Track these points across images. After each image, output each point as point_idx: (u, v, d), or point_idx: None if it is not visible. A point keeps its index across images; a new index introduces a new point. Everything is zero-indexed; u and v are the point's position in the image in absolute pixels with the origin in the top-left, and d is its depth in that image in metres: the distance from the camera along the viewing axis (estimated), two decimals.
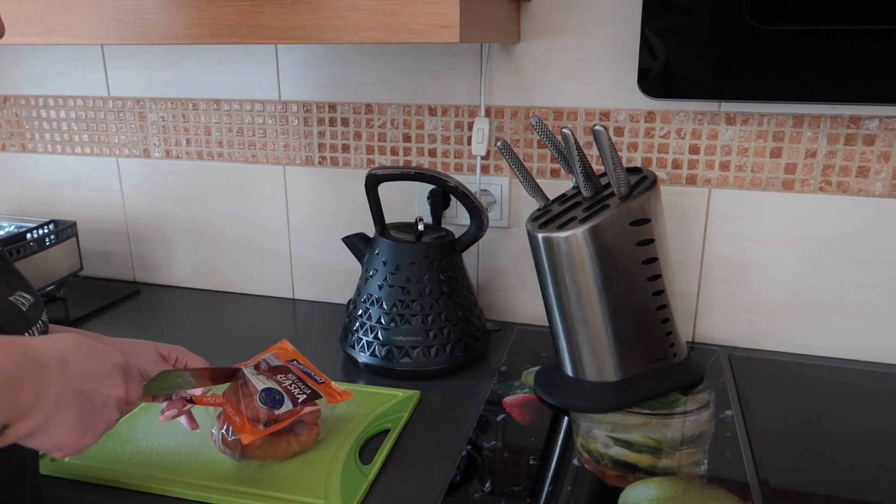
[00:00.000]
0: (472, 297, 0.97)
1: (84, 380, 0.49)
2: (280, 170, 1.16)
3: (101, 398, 0.50)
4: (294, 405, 0.71)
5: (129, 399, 0.54)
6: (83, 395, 0.49)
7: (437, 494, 0.69)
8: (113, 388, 0.52)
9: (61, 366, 0.47)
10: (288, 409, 0.70)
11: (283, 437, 0.73)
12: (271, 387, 0.72)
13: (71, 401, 0.48)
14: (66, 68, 1.20)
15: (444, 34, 0.66)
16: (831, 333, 0.99)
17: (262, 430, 0.69)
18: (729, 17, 0.83)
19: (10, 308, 0.56)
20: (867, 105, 0.89)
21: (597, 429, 0.81)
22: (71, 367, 0.48)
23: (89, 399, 0.49)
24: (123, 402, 0.53)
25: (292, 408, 0.71)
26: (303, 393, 0.73)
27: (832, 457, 0.76)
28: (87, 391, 0.49)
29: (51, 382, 0.46)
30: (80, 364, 0.49)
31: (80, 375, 0.49)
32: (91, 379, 0.50)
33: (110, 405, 0.51)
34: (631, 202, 0.79)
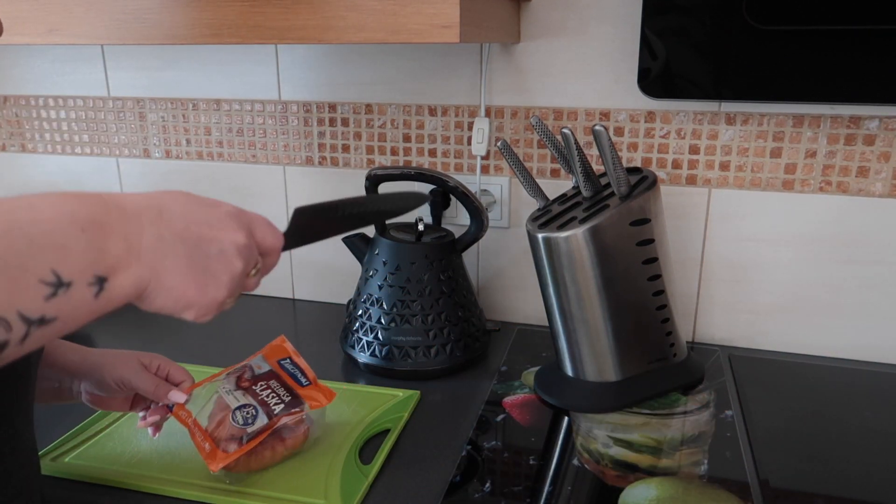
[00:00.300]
0: (472, 297, 0.97)
1: (187, 226, 0.43)
2: (280, 170, 1.16)
3: (214, 244, 0.44)
4: (269, 418, 0.70)
5: (251, 245, 0.47)
6: (190, 241, 0.43)
7: (437, 494, 0.69)
8: (226, 233, 0.45)
9: (156, 213, 0.43)
10: (263, 424, 0.69)
11: (267, 446, 0.72)
12: (245, 403, 0.71)
13: (174, 248, 0.42)
14: (66, 68, 1.20)
15: (444, 34, 0.66)
16: (831, 333, 0.99)
17: (231, 454, 0.68)
18: (729, 17, 0.83)
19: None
20: (867, 105, 0.89)
21: (597, 429, 0.81)
22: (168, 213, 0.43)
23: (198, 245, 0.44)
24: (245, 249, 0.46)
25: (267, 422, 0.70)
26: (280, 402, 0.71)
27: (832, 457, 0.76)
28: (194, 237, 0.44)
29: (143, 228, 0.41)
30: (180, 210, 0.44)
31: (181, 221, 0.43)
32: (196, 224, 0.44)
33: (228, 251, 0.45)
34: (631, 202, 0.79)
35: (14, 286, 0.34)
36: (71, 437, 0.78)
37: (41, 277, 0.35)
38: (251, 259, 0.48)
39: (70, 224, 0.37)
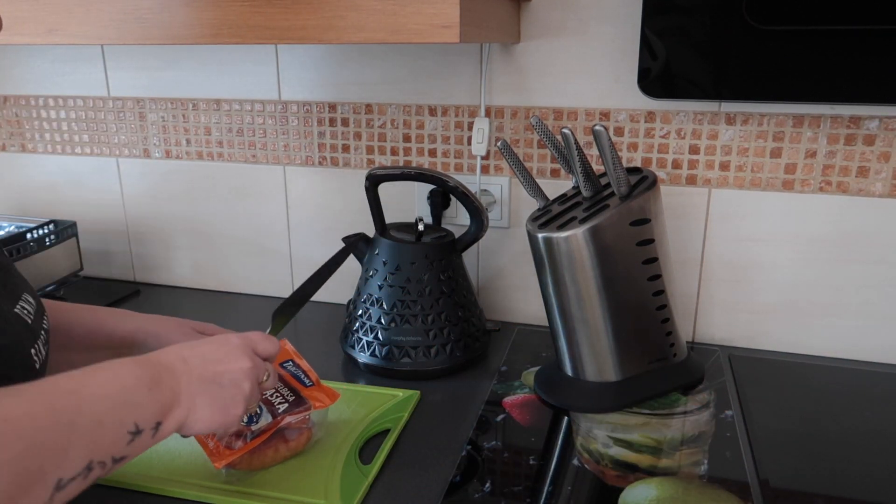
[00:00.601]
0: (472, 297, 0.97)
1: (205, 367, 0.56)
2: (280, 170, 1.16)
3: (226, 376, 0.57)
4: (273, 417, 0.70)
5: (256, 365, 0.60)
6: (209, 381, 0.55)
7: (437, 494, 0.69)
8: (235, 363, 0.58)
9: (182, 363, 0.55)
10: (267, 423, 0.70)
11: (270, 445, 0.72)
12: None
13: (200, 388, 0.54)
14: (66, 68, 1.20)
15: (444, 34, 0.66)
16: (831, 333, 0.99)
17: (236, 451, 0.68)
18: (729, 17, 0.83)
19: (17, 321, 0.54)
20: (867, 105, 0.89)
21: (597, 429, 0.81)
22: (190, 361, 0.55)
23: (215, 381, 0.56)
24: (251, 371, 0.58)
25: (271, 420, 0.70)
26: (284, 402, 0.72)
27: (832, 457, 0.76)
28: (210, 375, 0.56)
29: (179, 379, 0.53)
30: (197, 357, 0.56)
31: (199, 366, 0.55)
32: (211, 363, 0.56)
33: (238, 378, 0.57)
34: (631, 202, 0.79)
35: (113, 438, 0.47)
36: None
37: (129, 429, 0.48)
38: (259, 374, 0.60)
39: (141, 386, 0.50)
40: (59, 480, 0.43)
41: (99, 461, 0.45)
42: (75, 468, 0.44)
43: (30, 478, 0.41)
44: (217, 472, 0.72)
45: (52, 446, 0.42)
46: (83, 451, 0.44)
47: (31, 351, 0.54)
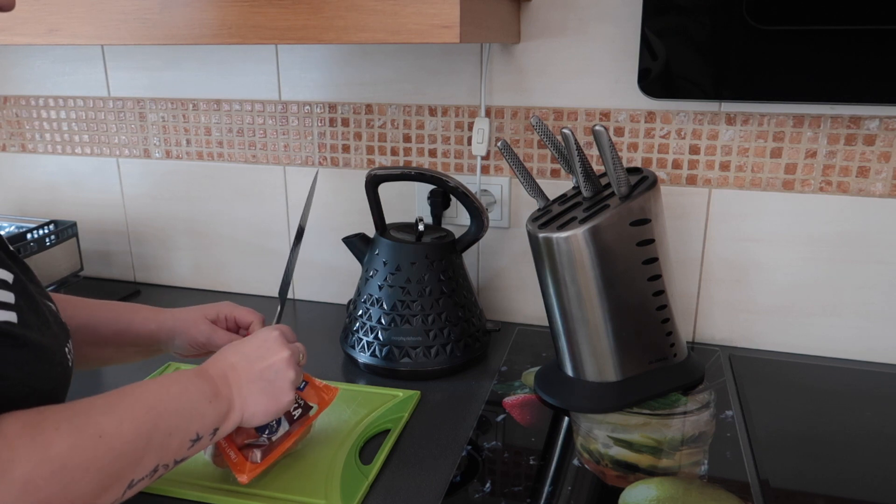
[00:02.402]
0: (472, 297, 0.97)
1: (251, 367, 0.63)
2: (280, 170, 1.16)
3: (270, 371, 0.63)
4: (290, 424, 0.70)
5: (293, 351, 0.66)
6: (256, 378, 0.62)
7: (438, 494, 0.69)
8: (276, 355, 0.64)
9: (232, 370, 0.62)
10: (284, 432, 0.69)
11: None
12: None
13: (250, 388, 0.62)
14: (66, 68, 1.20)
15: (444, 34, 0.66)
16: (831, 333, 0.99)
17: (259, 465, 0.68)
18: (729, 17, 0.83)
19: (53, 318, 0.56)
20: (867, 105, 0.89)
21: (597, 429, 0.81)
22: (237, 367, 0.62)
23: (262, 377, 0.63)
24: (291, 358, 0.65)
25: (288, 428, 0.70)
26: (298, 408, 0.71)
27: (832, 457, 0.76)
28: (257, 373, 0.63)
29: (232, 386, 0.61)
30: (243, 360, 0.63)
31: (246, 368, 0.63)
32: (255, 362, 0.63)
33: (281, 369, 0.64)
34: (631, 202, 0.79)
35: (177, 445, 0.54)
36: None
37: (191, 437, 0.56)
38: (297, 357, 0.67)
39: (204, 399, 0.58)
40: (132, 481, 0.51)
41: (164, 464, 0.54)
42: (146, 471, 0.52)
43: (111, 481, 0.49)
44: (217, 473, 0.72)
45: (131, 456, 0.50)
46: (154, 457, 0.52)
47: (66, 350, 0.55)
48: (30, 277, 0.58)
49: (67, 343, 0.56)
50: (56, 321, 0.56)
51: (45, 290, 0.59)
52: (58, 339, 0.55)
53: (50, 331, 0.53)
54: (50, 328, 0.54)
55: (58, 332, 0.55)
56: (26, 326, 0.49)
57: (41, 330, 0.52)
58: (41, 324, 0.52)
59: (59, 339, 0.55)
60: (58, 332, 0.55)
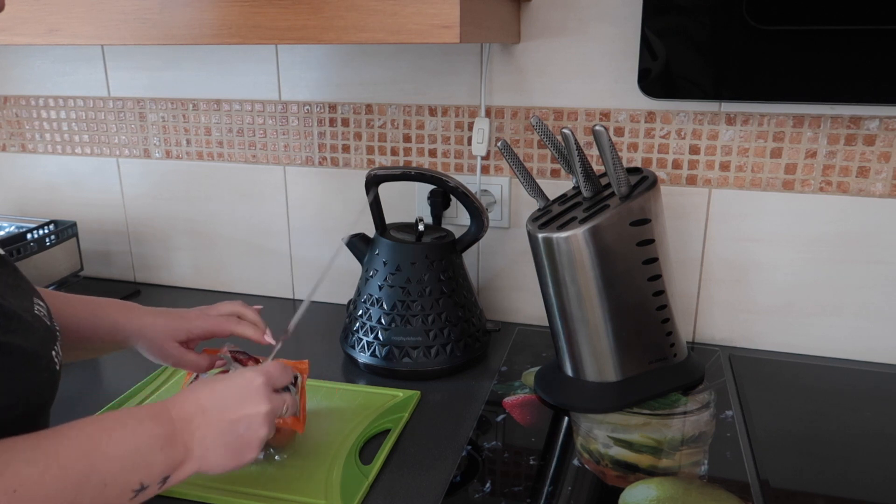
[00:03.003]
0: (472, 297, 0.97)
1: (222, 416, 0.56)
2: (280, 170, 1.16)
3: (242, 424, 0.56)
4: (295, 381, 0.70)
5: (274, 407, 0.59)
6: (225, 430, 0.55)
7: (438, 494, 0.69)
8: (253, 407, 0.57)
9: (201, 415, 0.55)
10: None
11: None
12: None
13: (216, 440, 0.55)
14: (66, 68, 1.20)
15: (444, 34, 0.66)
16: (831, 333, 0.99)
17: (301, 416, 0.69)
18: (729, 17, 0.83)
19: (39, 324, 0.54)
20: (867, 105, 0.89)
21: (597, 429, 0.81)
22: (208, 412, 0.55)
23: (232, 430, 0.56)
24: (269, 414, 0.58)
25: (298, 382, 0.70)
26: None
27: (832, 457, 0.76)
28: (227, 424, 0.56)
29: (195, 433, 0.54)
30: (216, 405, 0.56)
31: (217, 416, 0.55)
32: (230, 410, 0.56)
33: (255, 423, 0.57)
34: (631, 202, 0.79)
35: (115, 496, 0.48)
36: None
37: (133, 487, 0.49)
38: (277, 412, 0.59)
39: (154, 445, 0.51)
40: None
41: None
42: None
43: None
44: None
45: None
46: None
47: (53, 353, 0.54)
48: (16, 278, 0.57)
49: (55, 346, 0.55)
50: (42, 324, 0.54)
51: (34, 290, 0.58)
52: (44, 342, 0.53)
53: (35, 335, 0.52)
54: (35, 332, 0.52)
55: (44, 336, 0.53)
56: (9, 332, 0.48)
57: (26, 333, 0.50)
58: (25, 327, 0.50)
59: (46, 343, 0.53)
60: (44, 336, 0.53)
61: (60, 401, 0.89)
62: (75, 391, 0.90)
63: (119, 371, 0.96)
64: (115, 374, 0.96)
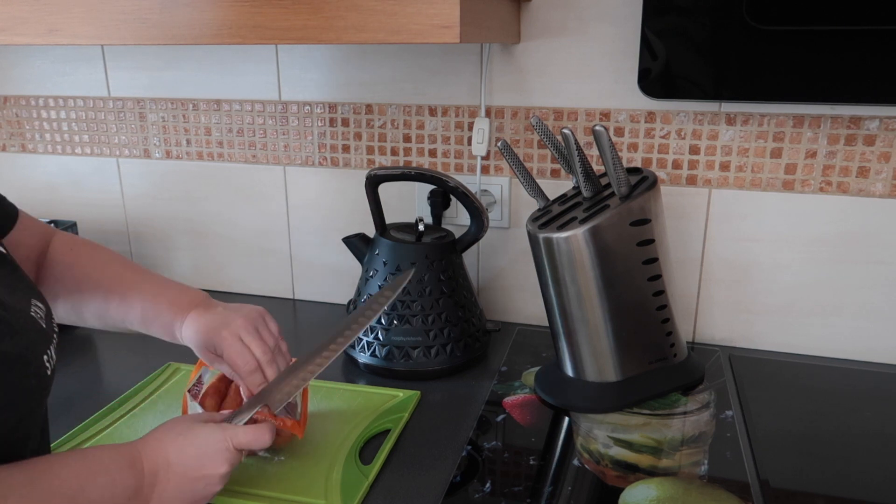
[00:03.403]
0: (472, 297, 0.97)
1: (185, 474, 0.59)
2: (280, 170, 1.16)
3: (201, 482, 0.60)
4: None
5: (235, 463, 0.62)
6: (185, 487, 0.59)
7: (438, 494, 0.69)
8: (214, 469, 0.60)
9: (165, 470, 0.58)
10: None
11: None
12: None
13: (172, 493, 0.58)
14: (66, 68, 1.20)
15: (444, 34, 0.66)
16: (831, 333, 0.99)
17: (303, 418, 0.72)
18: (729, 18, 0.83)
19: (32, 326, 0.53)
20: (867, 105, 0.89)
21: (597, 429, 0.81)
22: (172, 468, 0.58)
23: (191, 487, 0.59)
24: (226, 476, 0.61)
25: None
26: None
27: (832, 457, 0.76)
28: (188, 482, 0.59)
29: (155, 486, 0.57)
30: (181, 464, 0.59)
31: (180, 474, 0.59)
32: (192, 470, 0.59)
33: (213, 484, 0.60)
34: (631, 202, 0.79)
35: None
36: (71, 437, 0.78)
37: None
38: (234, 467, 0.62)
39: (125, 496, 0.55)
40: None
41: None
42: None
43: None
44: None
45: None
46: None
47: (45, 358, 0.53)
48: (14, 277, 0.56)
49: (48, 349, 0.54)
50: (36, 327, 0.54)
51: (34, 289, 0.58)
52: (35, 346, 0.52)
53: (25, 338, 0.51)
54: (26, 335, 0.52)
55: (36, 339, 0.53)
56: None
57: (16, 338, 0.50)
58: (15, 332, 0.50)
59: (37, 347, 0.53)
60: (36, 339, 0.53)
61: (60, 401, 0.89)
62: (75, 391, 0.90)
63: (119, 371, 0.96)
64: (115, 374, 0.96)
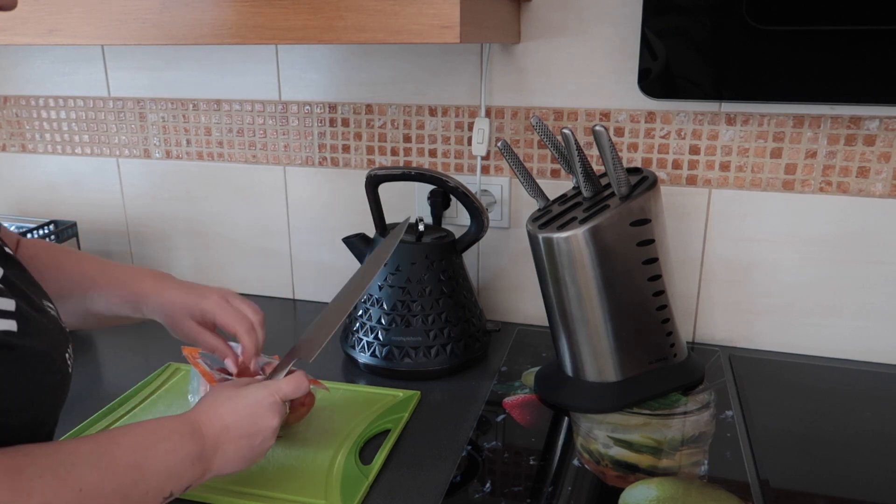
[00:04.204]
0: (472, 297, 0.97)
1: (241, 432, 0.61)
2: (280, 170, 1.16)
3: (258, 437, 0.62)
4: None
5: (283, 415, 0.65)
6: (243, 444, 0.61)
7: (438, 495, 0.69)
8: (268, 424, 0.63)
9: (224, 432, 0.60)
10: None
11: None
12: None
13: (234, 453, 0.61)
14: (66, 68, 1.20)
15: (444, 35, 0.66)
16: (831, 333, 0.99)
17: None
18: (729, 17, 0.83)
19: (54, 325, 0.54)
20: (867, 105, 0.89)
21: (597, 429, 0.81)
22: (230, 429, 0.61)
23: (248, 443, 0.62)
24: (277, 428, 0.64)
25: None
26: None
27: (832, 457, 0.76)
28: (246, 438, 0.62)
29: (217, 451, 0.59)
30: (237, 422, 0.61)
31: (238, 433, 0.61)
32: (248, 426, 0.62)
33: (268, 438, 0.63)
34: (631, 202, 0.79)
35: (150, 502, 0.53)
36: (71, 437, 0.78)
37: (164, 495, 0.54)
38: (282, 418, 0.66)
39: (188, 461, 0.57)
40: None
41: None
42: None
43: None
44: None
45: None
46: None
47: (66, 355, 0.54)
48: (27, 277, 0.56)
49: (68, 349, 0.55)
50: (55, 326, 0.54)
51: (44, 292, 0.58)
52: (58, 345, 0.53)
53: (50, 337, 0.52)
54: (50, 334, 0.52)
55: (58, 338, 0.54)
56: (26, 335, 0.48)
57: (41, 336, 0.51)
58: (41, 330, 0.51)
59: (60, 346, 0.54)
60: (58, 338, 0.54)
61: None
62: (75, 391, 0.89)
63: (119, 371, 0.97)
64: (115, 374, 0.96)
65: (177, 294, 0.73)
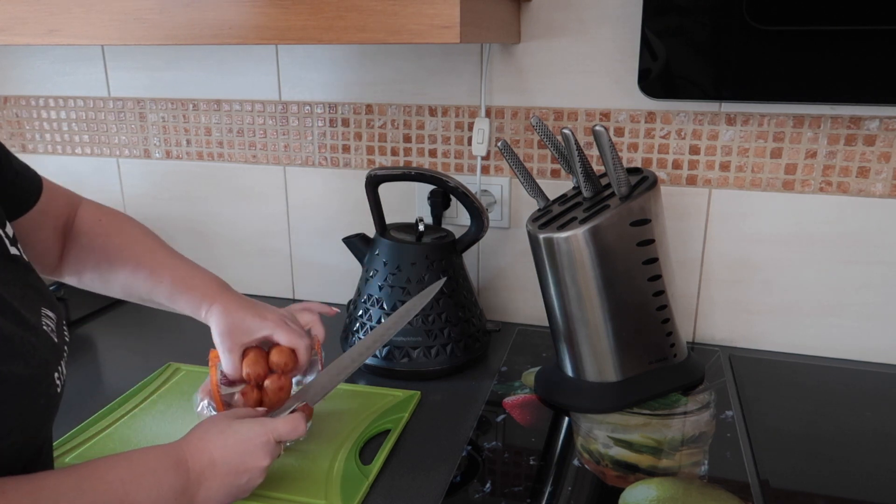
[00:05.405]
0: (472, 297, 0.97)
1: (228, 469, 0.60)
2: (280, 170, 1.16)
3: (245, 476, 0.61)
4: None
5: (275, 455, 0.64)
6: (229, 482, 0.60)
7: (438, 495, 0.69)
8: (258, 462, 0.62)
9: (210, 467, 0.60)
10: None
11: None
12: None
13: (218, 490, 0.60)
14: (66, 68, 1.20)
15: (444, 35, 0.66)
16: (831, 333, 0.99)
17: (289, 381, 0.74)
18: (729, 18, 0.83)
19: (45, 343, 0.52)
20: (867, 105, 0.89)
21: (597, 429, 0.81)
22: (216, 465, 0.60)
23: (235, 482, 0.61)
24: (267, 468, 0.63)
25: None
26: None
27: (832, 457, 0.76)
28: (233, 476, 0.61)
29: (201, 484, 0.59)
30: (225, 460, 0.60)
31: (224, 470, 0.60)
32: (236, 464, 0.61)
33: (255, 476, 0.62)
34: (631, 202, 0.79)
35: None
36: (71, 437, 0.78)
37: None
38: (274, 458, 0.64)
39: (171, 495, 0.56)
40: None
41: None
42: None
43: None
44: None
45: None
46: None
47: (55, 375, 0.52)
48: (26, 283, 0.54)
49: (59, 365, 0.53)
50: (48, 342, 0.52)
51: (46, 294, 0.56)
52: (46, 364, 0.51)
53: (37, 356, 0.50)
54: (37, 353, 0.50)
55: (48, 356, 0.52)
56: (7, 358, 0.47)
57: (26, 358, 0.49)
58: (26, 351, 0.49)
59: (48, 364, 0.52)
60: (48, 356, 0.52)
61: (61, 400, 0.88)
62: (75, 391, 0.90)
63: (119, 371, 0.97)
64: (115, 374, 0.96)
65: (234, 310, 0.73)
